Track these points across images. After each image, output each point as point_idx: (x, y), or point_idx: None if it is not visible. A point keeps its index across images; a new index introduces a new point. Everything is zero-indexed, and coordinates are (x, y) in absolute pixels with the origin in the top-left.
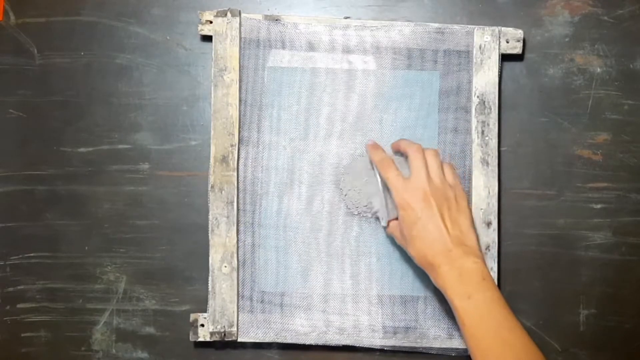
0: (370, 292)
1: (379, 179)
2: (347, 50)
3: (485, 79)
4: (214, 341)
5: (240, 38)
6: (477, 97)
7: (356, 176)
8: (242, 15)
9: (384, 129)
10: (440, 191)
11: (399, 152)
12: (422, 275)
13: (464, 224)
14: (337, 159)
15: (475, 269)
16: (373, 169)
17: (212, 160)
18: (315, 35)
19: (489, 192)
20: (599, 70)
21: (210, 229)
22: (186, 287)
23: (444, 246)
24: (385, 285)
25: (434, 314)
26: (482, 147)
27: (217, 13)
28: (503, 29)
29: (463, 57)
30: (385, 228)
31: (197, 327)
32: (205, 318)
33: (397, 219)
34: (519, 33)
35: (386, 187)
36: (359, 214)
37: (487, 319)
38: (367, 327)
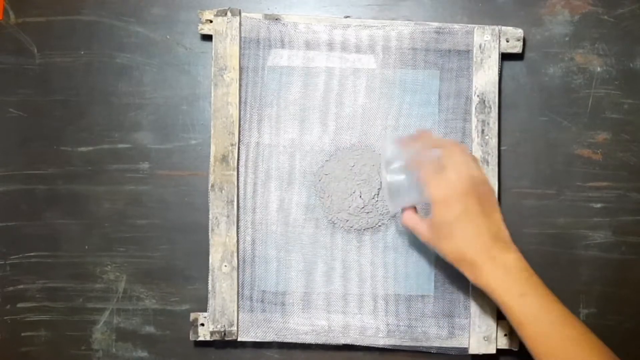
0: (373, 291)
1: (384, 170)
2: (347, 50)
3: (485, 78)
4: (214, 340)
5: (240, 37)
6: (477, 96)
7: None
8: (242, 14)
9: (384, 128)
10: (476, 186)
11: (403, 145)
12: (425, 273)
13: (499, 219)
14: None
15: (520, 266)
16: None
17: (212, 159)
18: (315, 34)
19: None
20: (599, 69)
21: (210, 229)
22: (186, 287)
23: (484, 244)
24: (389, 284)
25: (435, 312)
26: (482, 146)
27: (217, 12)
28: (503, 28)
29: (463, 57)
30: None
31: (197, 326)
32: (205, 317)
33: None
34: (519, 32)
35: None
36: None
37: (544, 316)
38: (369, 326)
